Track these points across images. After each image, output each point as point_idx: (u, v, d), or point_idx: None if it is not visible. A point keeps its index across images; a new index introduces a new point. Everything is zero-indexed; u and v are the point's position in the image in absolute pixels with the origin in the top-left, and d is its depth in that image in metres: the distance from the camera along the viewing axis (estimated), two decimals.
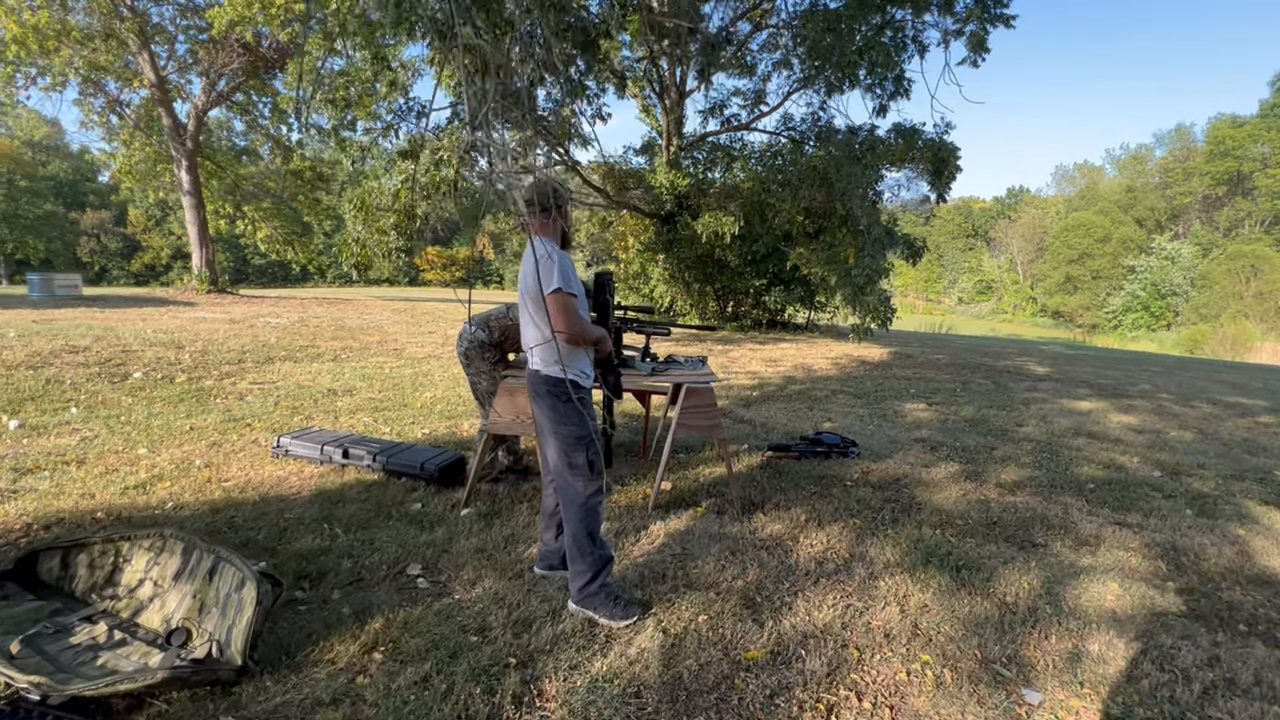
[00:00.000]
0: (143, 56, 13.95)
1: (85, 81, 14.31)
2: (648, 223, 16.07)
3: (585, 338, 2.41)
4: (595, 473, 2.48)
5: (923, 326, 28.36)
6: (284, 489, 3.47)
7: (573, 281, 2.32)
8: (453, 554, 2.88)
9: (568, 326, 2.31)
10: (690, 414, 3.46)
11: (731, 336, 13.39)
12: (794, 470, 4.23)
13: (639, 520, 3.33)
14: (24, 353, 6.13)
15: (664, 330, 3.85)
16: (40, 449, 3.75)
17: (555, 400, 2.45)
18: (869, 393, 7.22)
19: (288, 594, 2.50)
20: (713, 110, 14.91)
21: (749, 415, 5.81)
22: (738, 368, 8.85)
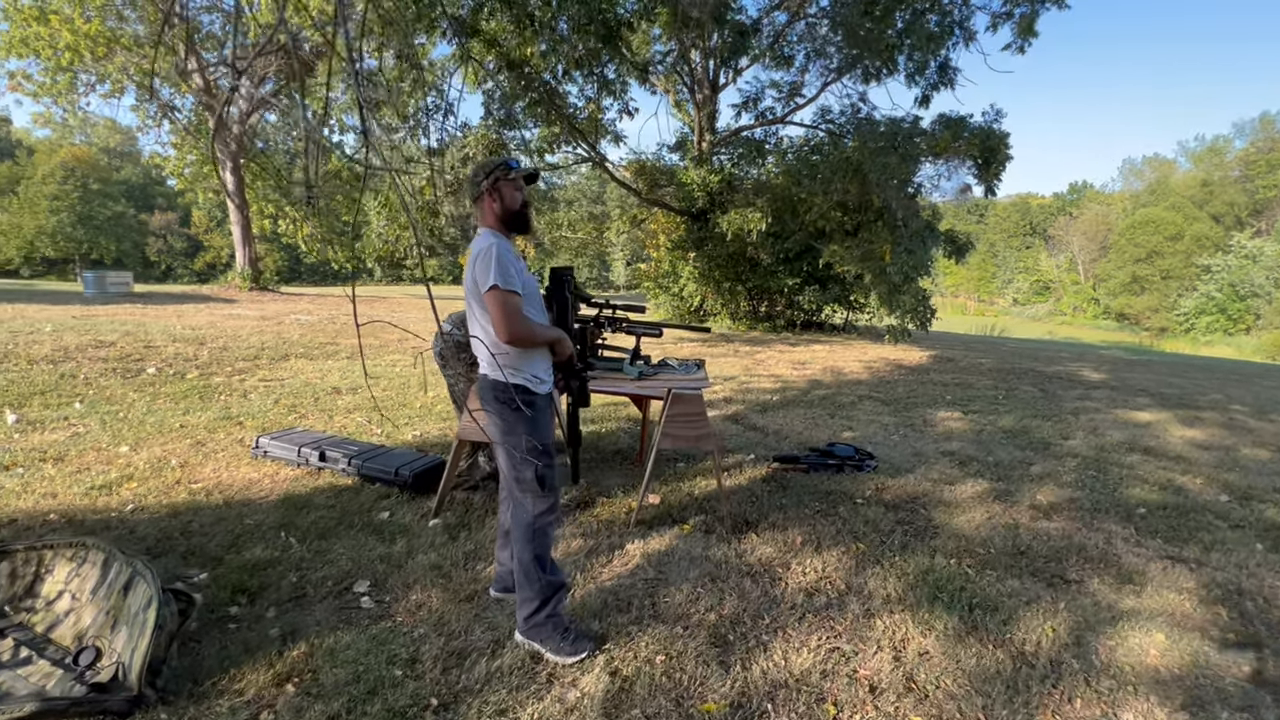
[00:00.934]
0: (191, 62, 14.46)
1: (140, 87, 14.93)
2: (679, 220, 15.74)
3: (531, 339, 2.15)
4: (546, 489, 2.23)
5: (973, 329, 27.06)
6: (252, 493, 3.34)
7: (513, 277, 2.07)
8: (406, 570, 2.68)
9: (507, 328, 2.05)
10: (676, 423, 3.16)
11: (762, 337, 12.95)
12: (800, 485, 3.87)
13: (617, 538, 3.05)
14: (50, 347, 6.29)
15: (655, 331, 3.57)
16: (27, 444, 3.75)
17: (502, 408, 2.20)
18: (899, 399, 6.74)
19: (221, 610, 2.34)
20: (746, 104, 14.47)
21: (762, 422, 5.46)
22: (762, 370, 8.46)
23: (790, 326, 14.66)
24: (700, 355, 9.62)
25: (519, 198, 2.23)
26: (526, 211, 2.26)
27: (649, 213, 16.86)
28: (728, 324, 14.92)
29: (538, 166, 10.72)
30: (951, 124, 11.26)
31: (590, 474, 3.96)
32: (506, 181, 2.20)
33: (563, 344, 2.27)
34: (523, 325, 2.08)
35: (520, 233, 2.28)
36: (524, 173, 2.24)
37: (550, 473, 2.24)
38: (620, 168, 16.18)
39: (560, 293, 2.36)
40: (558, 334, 2.26)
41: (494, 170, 2.19)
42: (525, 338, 2.12)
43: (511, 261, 2.09)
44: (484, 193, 2.20)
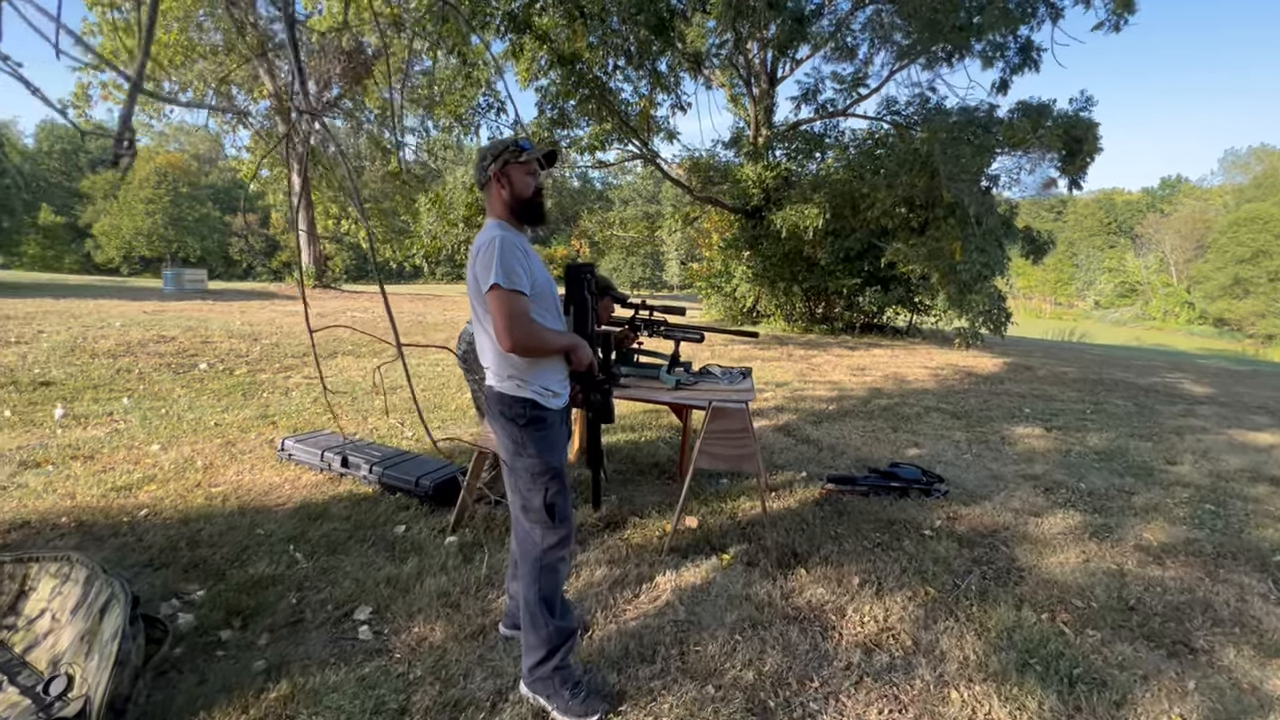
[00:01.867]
0: (263, 68, 15.05)
1: (217, 94, 15.67)
2: (732, 218, 15.26)
3: (540, 347, 1.85)
4: (557, 520, 1.92)
5: (1049, 333, 25.26)
6: (269, 499, 3.20)
7: (518, 275, 1.77)
8: (412, 596, 2.44)
9: (510, 333, 1.76)
10: (717, 440, 2.81)
11: (819, 340, 12.34)
12: (858, 511, 3.44)
13: (646, 567, 2.73)
14: (114, 342, 6.50)
15: (695, 335, 3.22)
16: (64, 441, 3.76)
17: (510, 424, 1.91)
18: (971, 412, 6.12)
19: (211, 634, 2.16)
20: (805, 96, 13.84)
21: (816, 435, 5.01)
22: (817, 376, 7.94)
23: (849, 329, 13.94)
24: (751, 359, 9.18)
25: (531, 183, 1.93)
26: (539, 199, 1.97)
27: (702, 211, 16.45)
28: (782, 325, 14.33)
29: (556, 146, 10.45)
30: (1032, 112, 10.35)
31: (623, 489, 3.65)
32: (517, 164, 1.91)
33: (579, 352, 1.96)
34: (529, 331, 1.79)
35: (532, 223, 1.99)
36: (537, 154, 1.94)
37: (562, 501, 1.93)
38: (673, 165, 15.85)
39: (578, 293, 2.06)
40: (573, 341, 1.95)
41: (502, 152, 1.91)
42: (532, 345, 1.82)
43: (517, 257, 1.80)
44: (491, 178, 1.92)
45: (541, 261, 1.99)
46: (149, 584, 2.40)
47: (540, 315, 1.89)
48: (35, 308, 9.01)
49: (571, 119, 11.10)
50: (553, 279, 2.02)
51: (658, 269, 49.60)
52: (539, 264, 1.92)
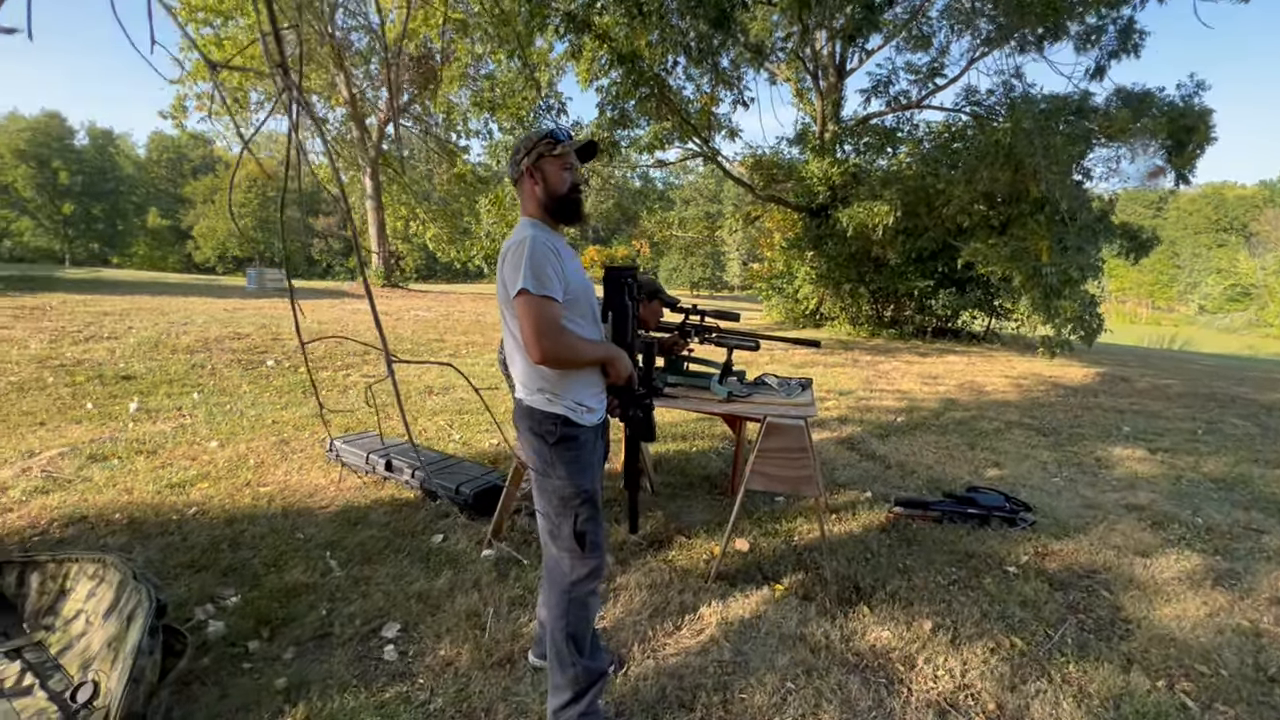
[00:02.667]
0: (340, 77, 15.73)
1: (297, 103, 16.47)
2: (796, 217, 14.74)
3: (572, 358, 1.68)
4: (587, 550, 1.75)
5: (1146, 340, 23.19)
6: (313, 501, 3.18)
7: (549, 279, 1.60)
8: (442, 615, 2.32)
9: (539, 343, 1.59)
10: (771, 460, 2.56)
11: (887, 345, 11.70)
12: (929, 540, 3.10)
13: (691, 595, 2.51)
14: (193, 338, 6.85)
15: (750, 343, 2.98)
16: (133, 435, 3.90)
17: (538, 442, 1.75)
18: (1059, 428, 5.55)
19: (240, 643, 2.10)
20: (876, 88, 13.18)
21: (883, 450, 4.63)
22: (884, 384, 7.46)
23: (920, 334, 13.17)
24: (812, 365, 8.76)
25: (567, 178, 1.76)
26: (576, 195, 1.79)
27: (764, 209, 16.00)
28: (846, 329, 13.71)
29: (595, 138, 10.27)
30: (1133, 100, 9.41)
31: (670, 504, 3.45)
32: (551, 158, 1.74)
33: (617, 364, 1.77)
34: (560, 341, 1.61)
35: (569, 222, 1.81)
36: (574, 146, 1.76)
37: (594, 529, 1.75)
38: (735, 163, 15.48)
39: (618, 299, 1.86)
40: (610, 351, 1.76)
41: (536, 144, 1.74)
42: (564, 356, 1.64)
43: (549, 259, 1.62)
44: (524, 172, 1.76)
45: (580, 264, 1.82)
46: (187, 586, 2.38)
47: (575, 323, 1.71)
48: (131, 304, 9.69)
49: (633, 118, 10.97)
50: (590, 283, 1.85)
51: (719, 269, 48.95)
52: (575, 267, 1.75)
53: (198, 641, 2.10)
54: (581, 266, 1.83)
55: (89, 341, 6.26)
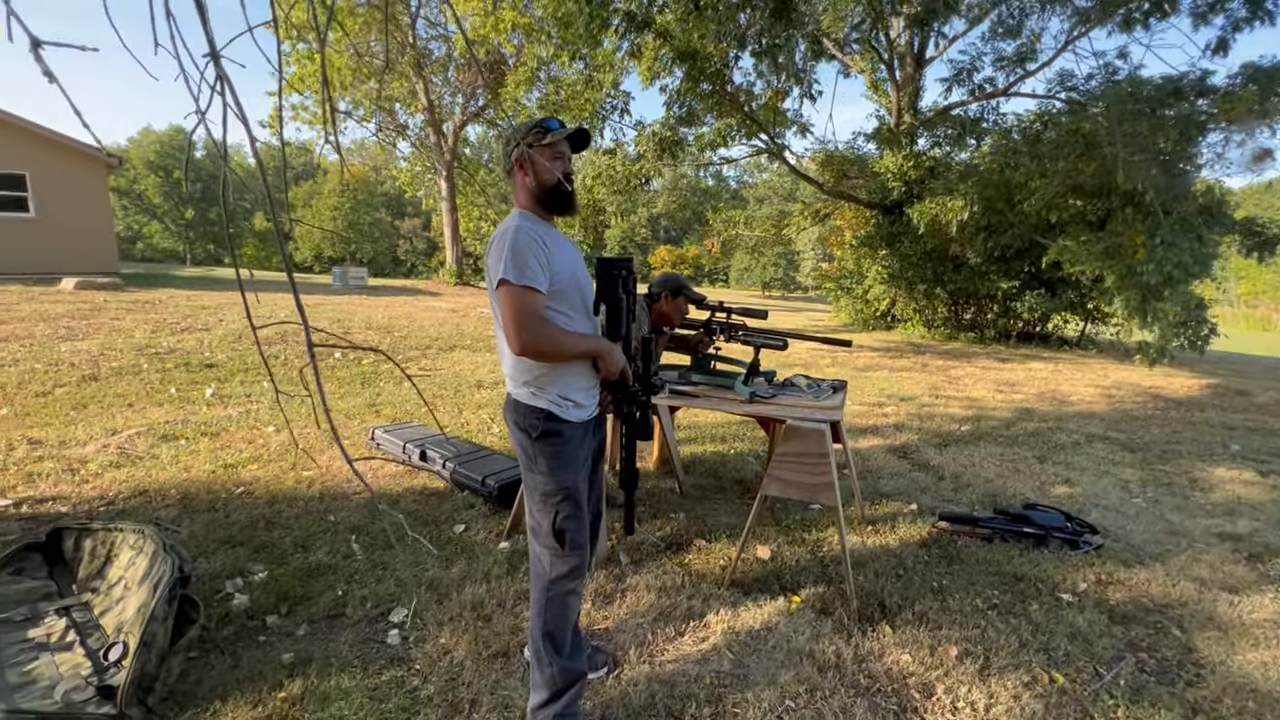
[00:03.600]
0: (419, 85, 16.52)
1: (381, 111, 17.47)
2: (868, 215, 14.14)
3: (554, 351, 1.64)
4: (566, 547, 1.71)
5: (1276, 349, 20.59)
6: (349, 487, 3.32)
7: (532, 269, 1.57)
8: (448, 604, 2.35)
9: (518, 334, 1.57)
10: (788, 465, 2.42)
11: (964, 349, 10.98)
12: (974, 559, 2.85)
13: (700, 601, 2.42)
14: (273, 331, 7.36)
15: (778, 342, 2.85)
16: (204, 418, 4.23)
17: (523, 435, 1.73)
18: (1150, 444, 4.99)
19: (260, 617, 2.22)
20: (958, 76, 12.38)
21: (938, 460, 4.33)
22: (953, 390, 6.99)
23: (1003, 338, 12.29)
24: (879, 367, 8.35)
25: (558, 168, 1.72)
26: (567, 186, 1.75)
27: (835, 207, 15.45)
28: (920, 332, 13.00)
29: (661, 137, 10.11)
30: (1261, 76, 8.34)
31: (698, 506, 3.35)
32: (541, 148, 1.71)
33: (607, 358, 1.72)
34: (539, 333, 1.58)
35: (561, 212, 1.78)
36: (562, 135, 1.72)
37: (573, 526, 1.71)
38: (806, 160, 15.01)
39: (611, 291, 1.81)
40: (598, 345, 1.71)
41: (526, 134, 1.72)
42: (545, 349, 1.61)
43: (533, 249, 1.59)
44: (515, 163, 1.74)
45: (574, 256, 1.78)
46: (221, 560, 2.54)
47: (563, 315, 1.68)
48: (227, 299, 10.56)
49: (699, 116, 10.86)
50: (586, 276, 1.81)
51: (792, 270, 47.74)
52: (565, 257, 1.71)
53: (221, 613, 2.23)
54: (577, 258, 1.79)
55: (184, 332, 6.87)
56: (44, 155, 12.52)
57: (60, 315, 7.31)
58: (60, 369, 5.02)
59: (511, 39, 11.66)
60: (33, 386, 4.53)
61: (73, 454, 3.37)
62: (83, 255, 12.86)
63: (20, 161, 12.24)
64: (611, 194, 10.06)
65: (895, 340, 12.06)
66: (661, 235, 62.79)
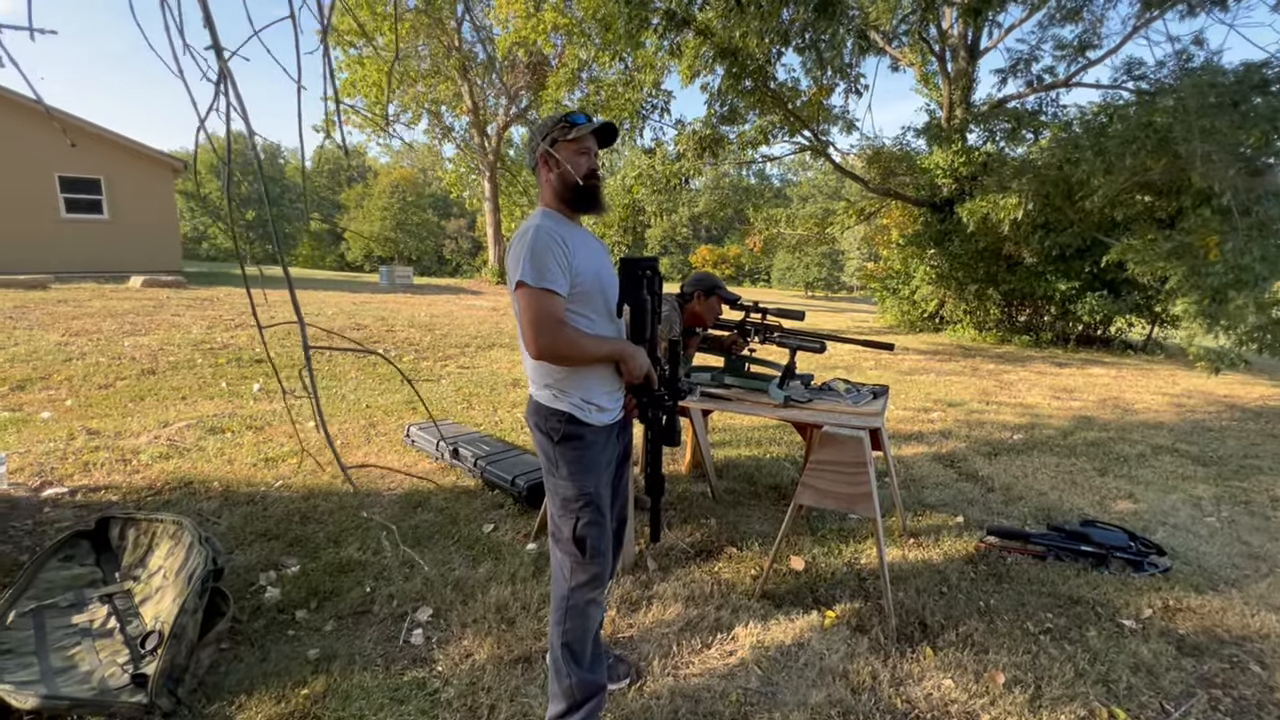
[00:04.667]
0: (464, 88, 16.82)
1: (428, 114, 17.87)
2: (916, 213, 13.67)
3: (573, 355, 1.59)
4: (587, 555, 1.66)
5: None
6: (382, 483, 3.36)
7: (551, 271, 1.52)
8: (473, 605, 2.33)
9: (535, 337, 1.53)
10: (823, 473, 2.31)
11: (1018, 353, 10.50)
12: (1025, 578, 2.67)
13: (729, 612, 2.34)
14: (320, 328, 7.58)
15: (814, 344, 2.73)
16: (249, 412, 4.36)
17: (544, 438, 1.69)
18: (1226, 458, 4.63)
19: (290, 610, 2.24)
20: (1015, 67, 11.85)
21: (986, 471, 4.11)
22: (1005, 396, 6.67)
23: (1060, 341, 11.69)
24: (925, 371, 8.04)
25: (583, 164, 1.67)
26: (594, 183, 1.69)
27: (882, 205, 15.00)
28: (971, 334, 12.50)
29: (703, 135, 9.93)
30: None
31: (731, 512, 3.26)
32: (566, 143, 1.66)
33: (630, 362, 1.66)
34: (558, 336, 1.53)
35: (586, 210, 1.72)
36: (588, 129, 1.67)
37: (595, 533, 1.66)
38: (852, 156, 14.62)
39: (635, 292, 1.74)
40: (620, 348, 1.65)
41: (551, 129, 1.67)
42: (563, 352, 1.56)
43: (553, 250, 1.54)
44: (540, 160, 1.70)
45: (599, 256, 1.72)
46: (258, 553, 2.59)
47: (585, 318, 1.63)
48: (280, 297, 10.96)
49: (741, 114, 10.70)
50: (611, 277, 1.75)
51: (835, 269, 46.70)
52: (589, 257, 1.66)
53: (254, 605, 2.27)
54: (602, 258, 1.73)
55: (237, 329, 7.14)
56: (118, 160, 13.27)
57: (126, 311, 7.71)
58: (122, 363, 5.28)
59: (552, 40, 11.73)
60: (96, 379, 4.77)
61: (126, 445, 3.51)
62: (150, 254, 13.59)
63: (97, 167, 13.01)
64: (651, 194, 10.00)
65: (943, 343, 11.62)
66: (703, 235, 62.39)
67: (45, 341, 5.78)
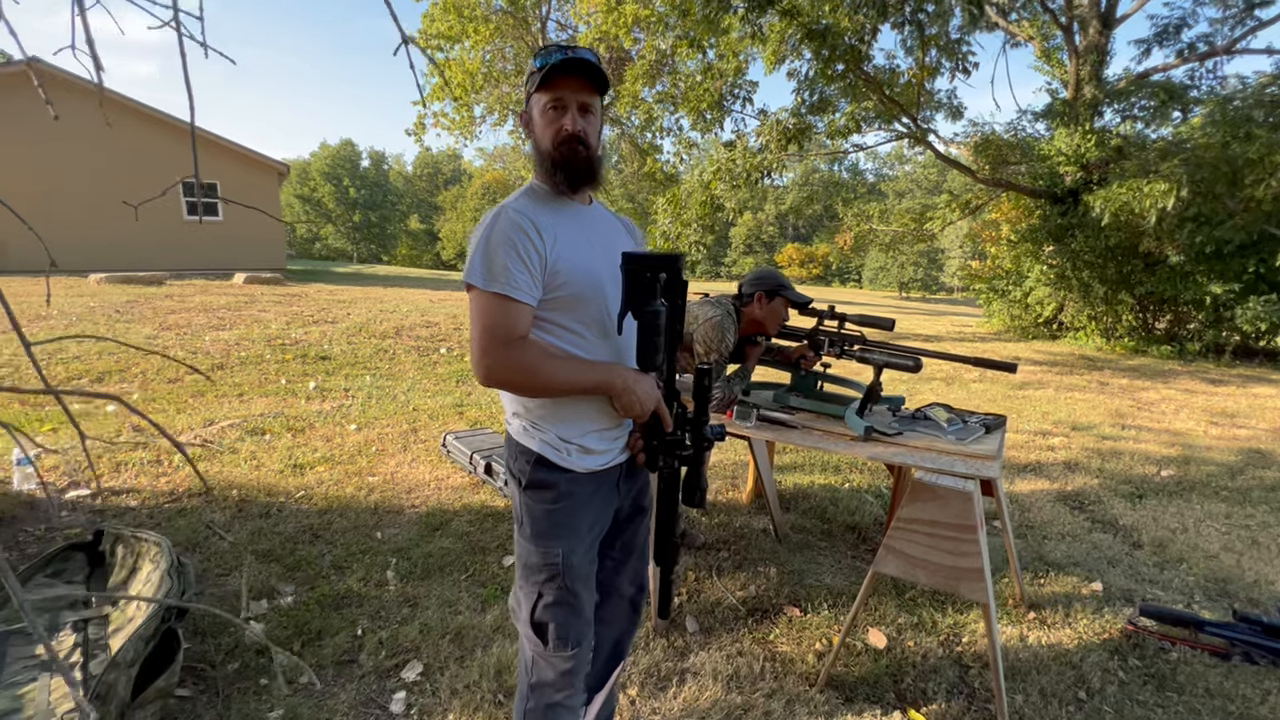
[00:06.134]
0: None
1: (514, 114, 18.09)
2: (1033, 205, 12.19)
3: (529, 383, 1.15)
4: (551, 646, 1.22)
5: None
6: (406, 500, 3.08)
7: (506, 271, 1.10)
8: (470, 664, 1.95)
9: (478, 356, 1.12)
10: (913, 535, 1.74)
11: (1158, 366, 9.02)
12: (1199, 686, 1.96)
13: (782, 703, 1.82)
14: (391, 325, 7.63)
15: (907, 361, 2.15)
16: (295, 411, 4.27)
17: (513, 481, 1.28)
18: None
19: (268, 656, 1.96)
20: (1162, 35, 10.24)
21: (1130, 519, 3.29)
22: (1145, 419, 5.58)
23: (1213, 353, 9.96)
24: (1038, 384, 6.98)
25: (555, 122, 1.19)
26: (575, 150, 1.19)
27: (991, 197, 13.54)
28: (1096, 343, 10.96)
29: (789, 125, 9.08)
30: None
31: (796, 557, 2.71)
32: (536, 94, 1.20)
33: (625, 395, 1.17)
34: (508, 357, 1.11)
35: (573, 185, 1.24)
36: (551, 72, 1.15)
37: (563, 618, 1.22)
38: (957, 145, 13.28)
39: (640, 300, 1.24)
40: (607, 377, 1.17)
41: (526, 82, 1.23)
42: (516, 379, 1.14)
43: (515, 242, 1.11)
44: (522, 123, 1.27)
45: (603, 246, 1.26)
46: (254, 576, 2.35)
47: (567, 332, 1.19)
48: (363, 294, 11.34)
49: (832, 101, 9.89)
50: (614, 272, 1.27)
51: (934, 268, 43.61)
52: (582, 250, 1.21)
53: (232, 644, 2.00)
54: (610, 251, 1.24)
55: (312, 325, 7.30)
56: (230, 166, 14.32)
57: (220, 307, 8.12)
58: (196, 357, 5.42)
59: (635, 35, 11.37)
60: (167, 373, 4.88)
61: (165, 444, 3.45)
62: (256, 253, 14.56)
63: (213, 172, 14.09)
64: (730, 189, 9.42)
65: (1062, 352, 10.23)
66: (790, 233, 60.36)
67: (137, 335, 6.08)
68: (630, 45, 11.83)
